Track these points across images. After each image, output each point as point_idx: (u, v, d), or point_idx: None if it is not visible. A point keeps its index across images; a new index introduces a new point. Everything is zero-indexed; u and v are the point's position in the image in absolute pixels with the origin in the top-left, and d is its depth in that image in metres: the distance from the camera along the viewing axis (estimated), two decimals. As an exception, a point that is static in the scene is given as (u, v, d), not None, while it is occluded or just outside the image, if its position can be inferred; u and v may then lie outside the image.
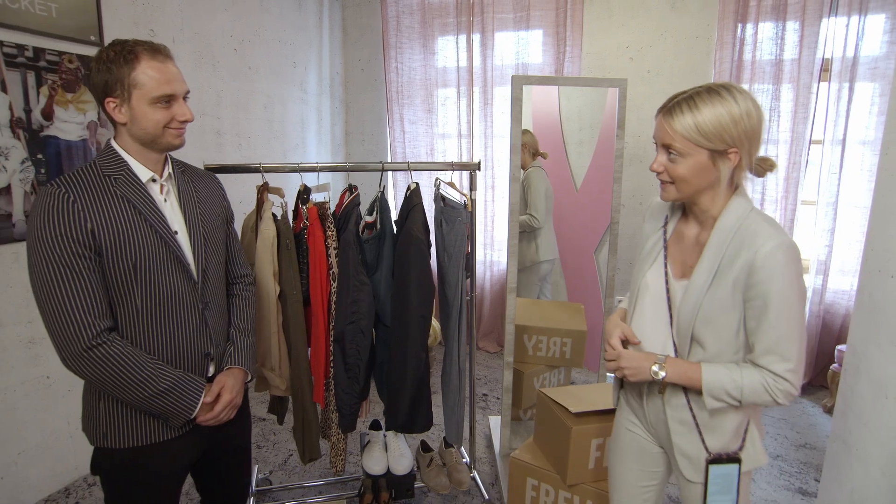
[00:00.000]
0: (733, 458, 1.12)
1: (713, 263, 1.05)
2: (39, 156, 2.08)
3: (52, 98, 2.12)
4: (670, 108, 1.02)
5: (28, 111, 2.03)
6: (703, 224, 1.12)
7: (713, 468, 1.11)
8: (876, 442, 1.43)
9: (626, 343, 1.19)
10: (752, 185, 3.24)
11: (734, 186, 1.08)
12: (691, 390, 1.11)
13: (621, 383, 1.32)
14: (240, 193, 1.44)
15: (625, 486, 1.31)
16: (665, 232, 1.20)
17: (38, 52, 2.05)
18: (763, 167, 1.08)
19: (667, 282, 1.14)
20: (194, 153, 1.25)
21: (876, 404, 1.43)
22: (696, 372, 1.06)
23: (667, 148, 1.04)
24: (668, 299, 1.13)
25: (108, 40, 2.28)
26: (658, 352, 1.15)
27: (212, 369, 1.31)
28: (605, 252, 2.79)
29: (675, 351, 1.13)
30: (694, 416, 1.12)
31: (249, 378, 1.40)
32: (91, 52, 2.23)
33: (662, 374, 1.09)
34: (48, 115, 2.11)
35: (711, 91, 1.00)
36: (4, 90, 1.95)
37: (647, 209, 1.29)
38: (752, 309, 1.02)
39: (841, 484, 1.55)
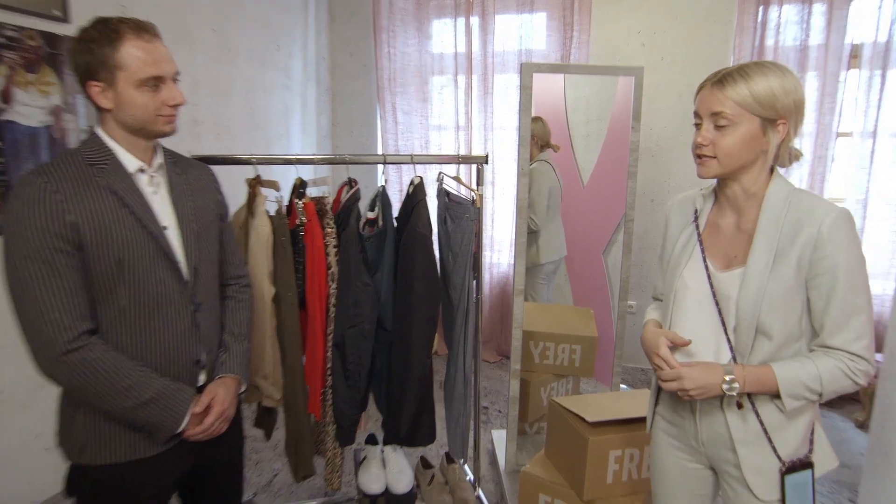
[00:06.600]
0: (806, 464, 1.10)
1: (770, 245, 1.07)
2: (-2, 143, 2.04)
3: (11, 79, 2.07)
4: (721, 77, 1.07)
5: (-15, 93, 1.99)
6: (742, 210, 1.14)
7: (789, 478, 1.08)
8: (919, 452, 1.45)
9: (673, 349, 1.16)
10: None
11: (769, 169, 1.12)
12: (757, 395, 1.09)
13: (656, 399, 1.30)
14: (223, 188, 1.44)
15: None
16: (697, 226, 1.20)
17: (-2, 27, 2.00)
18: (790, 156, 1.13)
19: (709, 276, 1.14)
20: (168, 144, 1.23)
21: (918, 412, 1.45)
22: (768, 374, 1.05)
23: (715, 118, 1.07)
24: (714, 294, 1.13)
25: (73, 15, 2.24)
26: (711, 354, 1.14)
27: (202, 378, 1.30)
28: (614, 253, 2.81)
29: (731, 349, 1.11)
30: (762, 423, 1.10)
31: (243, 388, 1.39)
32: (55, 28, 2.18)
33: (737, 385, 1.06)
34: (6, 97, 2.06)
35: (759, 64, 1.07)
36: (-40, 69, 1.91)
37: (669, 209, 1.30)
38: (818, 287, 1.04)
39: (880, 500, 1.57)
